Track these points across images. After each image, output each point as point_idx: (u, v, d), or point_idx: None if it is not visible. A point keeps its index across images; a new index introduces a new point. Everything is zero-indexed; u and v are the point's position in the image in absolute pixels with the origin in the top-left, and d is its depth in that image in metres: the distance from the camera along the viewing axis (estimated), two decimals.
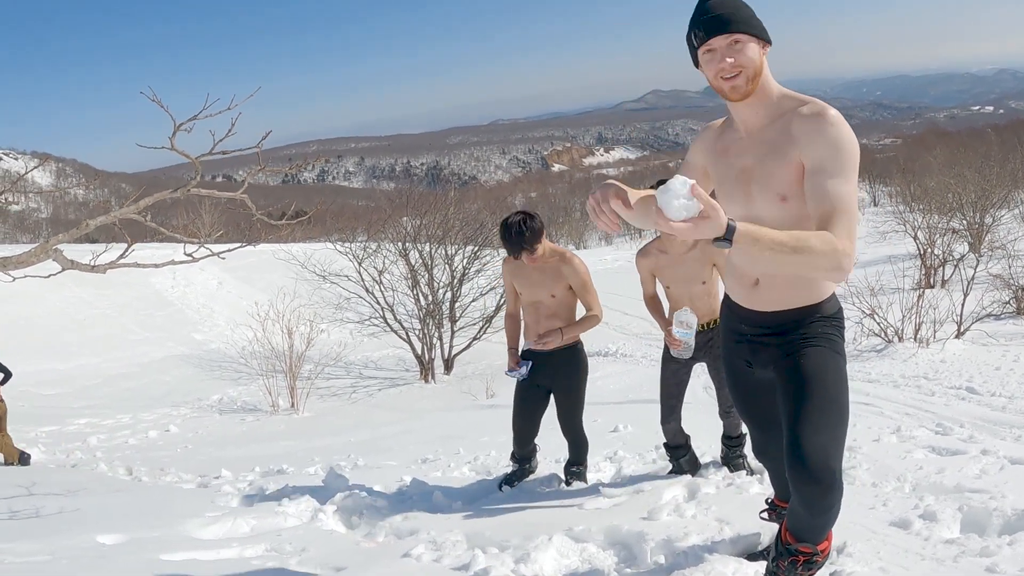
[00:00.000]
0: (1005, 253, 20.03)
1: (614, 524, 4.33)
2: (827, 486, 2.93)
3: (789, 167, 2.89)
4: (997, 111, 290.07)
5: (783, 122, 2.94)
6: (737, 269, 3.30)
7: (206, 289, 28.48)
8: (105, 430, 13.96)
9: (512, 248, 5.32)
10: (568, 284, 5.44)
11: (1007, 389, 9.44)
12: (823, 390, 3.04)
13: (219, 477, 8.10)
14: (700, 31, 2.88)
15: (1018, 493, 4.57)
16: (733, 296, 3.40)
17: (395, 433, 11.61)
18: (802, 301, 3.15)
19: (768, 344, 3.24)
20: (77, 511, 5.57)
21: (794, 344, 3.15)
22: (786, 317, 3.18)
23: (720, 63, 2.87)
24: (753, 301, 3.26)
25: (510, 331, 5.88)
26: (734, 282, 3.36)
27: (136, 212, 6.13)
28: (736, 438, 5.74)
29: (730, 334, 3.48)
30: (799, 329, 3.16)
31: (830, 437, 2.97)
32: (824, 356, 3.11)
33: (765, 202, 2.99)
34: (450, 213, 21.46)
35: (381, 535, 4.81)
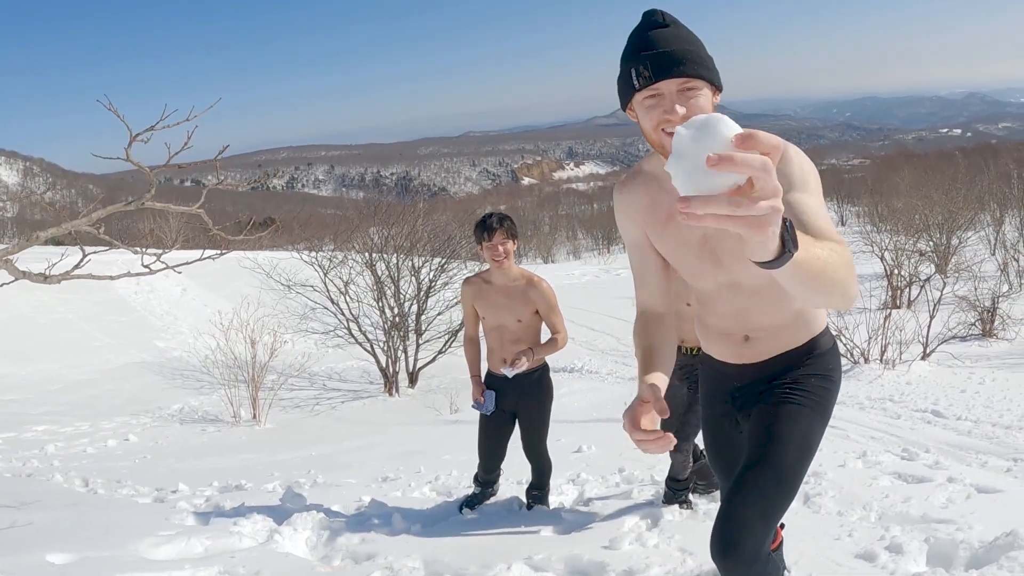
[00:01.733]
0: (971, 275, 20.18)
1: (574, 553, 4.25)
2: (734, 562, 2.63)
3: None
4: (965, 134, 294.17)
5: None
6: (719, 331, 2.95)
7: (170, 296, 28.17)
8: (63, 438, 13.72)
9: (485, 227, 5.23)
10: (535, 308, 5.35)
11: (973, 413, 9.46)
12: (776, 462, 2.72)
13: (176, 491, 7.95)
14: (646, 69, 2.39)
15: (985, 524, 4.54)
16: (718, 356, 3.03)
17: (356, 448, 11.47)
18: (799, 340, 2.86)
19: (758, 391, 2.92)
20: (29, 525, 5.42)
21: (775, 394, 2.86)
22: (783, 362, 2.87)
23: (667, 112, 2.40)
24: (744, 356, 2.92)
25: (471, 357, 5.77)
26: (717, 344, 3.00)
27: (89, 224, 5.99)
28: (682, 481, 5.58)
29: (714, 398, 3.13)
30: (790, 372, 2.86)
31: (759, 512, 2.66)
32: (798, 419, 2.79)
33: (742, 264, 2.57)
34: (418, 224, 21.36)
35: (337, 558, 4.70)
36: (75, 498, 7.66)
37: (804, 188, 2.40)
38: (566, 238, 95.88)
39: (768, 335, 2.84)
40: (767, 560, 2.72)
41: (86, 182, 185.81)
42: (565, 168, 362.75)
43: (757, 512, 2.65)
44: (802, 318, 2.83)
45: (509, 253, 5.28)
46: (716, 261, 2.67)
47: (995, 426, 8.80)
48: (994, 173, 41.31)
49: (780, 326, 2.83)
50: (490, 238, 5.23)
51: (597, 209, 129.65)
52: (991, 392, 10.58)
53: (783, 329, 2.83)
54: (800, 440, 2.76)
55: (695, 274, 2.75)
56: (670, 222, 2.65)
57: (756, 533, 2.63)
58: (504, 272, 5.34)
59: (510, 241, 5.28)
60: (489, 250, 5.25)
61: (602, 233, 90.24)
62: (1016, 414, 9.26)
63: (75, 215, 6.82)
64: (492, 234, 5.22)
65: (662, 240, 2.72)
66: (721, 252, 2.64)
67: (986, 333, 15.90)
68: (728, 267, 2.67)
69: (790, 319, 2.81)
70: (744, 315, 2.81)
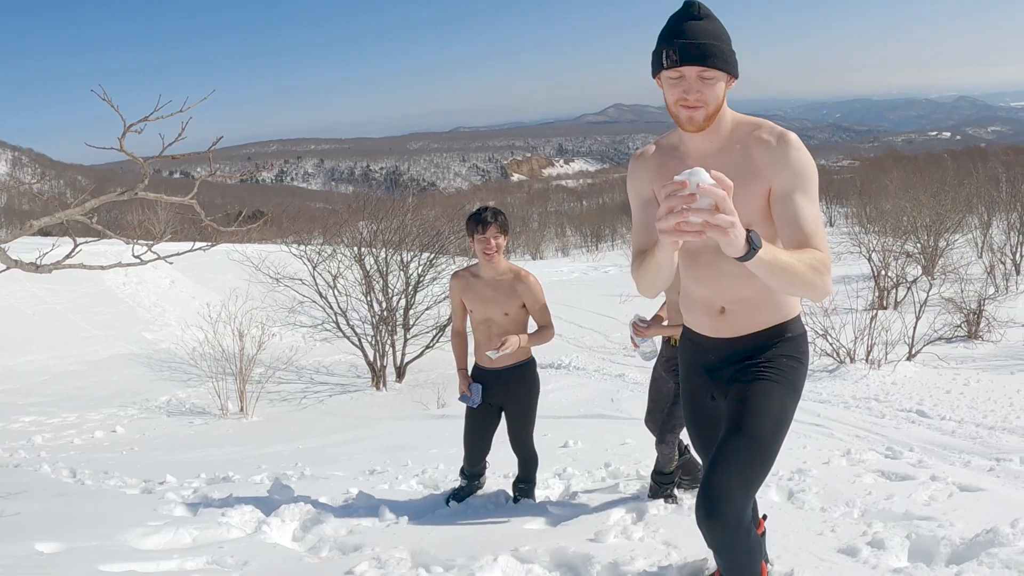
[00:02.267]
0: (958, 277, 20.26)
1: (560, 545, 4.28)
2: (718, 525, 2.89)
3: (754, 194, 2.86)
4: (954, 137, 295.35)
5: (741, 148, 2.91)
6: (699, 301, 3.22)
7: (158, 288, 28.13)
8: (50, 429, 13.71)
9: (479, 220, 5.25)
10: (522, 302, 5.38)
11: (957, 413, 9.53)
12: (752, 429, 2.99)
13: (164, 483, 7.95)
14: (674, 53, 2.75)
15: (966, 521, 4.59)
16: (697, 328, 3.31)
17: (344, 441, 11.48)
18: (769, 322, 3.13)
19: (729, 371, 3.19)
20: (17, 515, 5.43)
21: (749, 372, 3.12)
22: (754, 340, 3.14)
23: (685, 91, 2.79)
24: (719, 329, 3.20)
25: (458, 351, 5.80)
26: (696, 314, 3.27)
27: (82, 214, 6.00)
28: (668, 474, 5.64)
29: (692, 368, 3.40)
30: (762, 353, 3.13)
31: (738, 479, 2.92)
32: (771, 393, 3.06)
33: None
34: (407, 219, 21.33)
35: (325, 549, 4.73)
36: (62, 488, 7.66)
37: (803, 190, 2.79)
38: (555, 235, 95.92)
39: (743, 310, 3.11)
40: (749, 529, 2.99)
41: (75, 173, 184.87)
42: (555, 165, 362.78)
43: (738, 480, 2.91)
44: (775, 301, 3.10)
45: (500, 248, 5.31)
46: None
47: (979, 426, 8.87)
48: (982, 176, 41.36)
49: (754, 302, 3.09)
50: (484, 232, 5.24)
51: (586, 206, 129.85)
52: (975, 393, 10.64)
53: (757, 307, 3.10)
54: (774, 413, 3.03)
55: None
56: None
57: (737, 499, 2.89)
58: (493, 266, 5.37)
59: (502, 236, 5.31)
60: (481, 244, 5.27)
61: (591, 230, 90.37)
62: (999, 415, 9.33)
63: (65, 206, 6.82)
64: (486, 228, 5.24)
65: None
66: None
67: (971, 335, 15.97)
68: None
69: (764, 298, 3.07)
70: (722, 283, 3.09)
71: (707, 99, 2.79)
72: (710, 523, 2.88)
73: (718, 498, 2.87)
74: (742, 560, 3.03)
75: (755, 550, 3.09)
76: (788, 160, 2.82)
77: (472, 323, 5.58)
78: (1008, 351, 14.65)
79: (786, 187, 2.81)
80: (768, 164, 2.84)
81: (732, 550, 2.97)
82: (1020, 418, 9.13)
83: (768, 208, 2.87)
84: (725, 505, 2.86)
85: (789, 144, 2.84)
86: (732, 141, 2.94)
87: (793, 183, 2.80)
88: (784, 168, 2.82)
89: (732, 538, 2.92)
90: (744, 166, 2.87)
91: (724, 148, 2.94)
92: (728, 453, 2.95)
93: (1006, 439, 8.30)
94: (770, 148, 2.85)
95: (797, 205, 2.77)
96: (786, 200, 2.80)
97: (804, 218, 2.74)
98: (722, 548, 2.97)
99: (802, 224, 2.74)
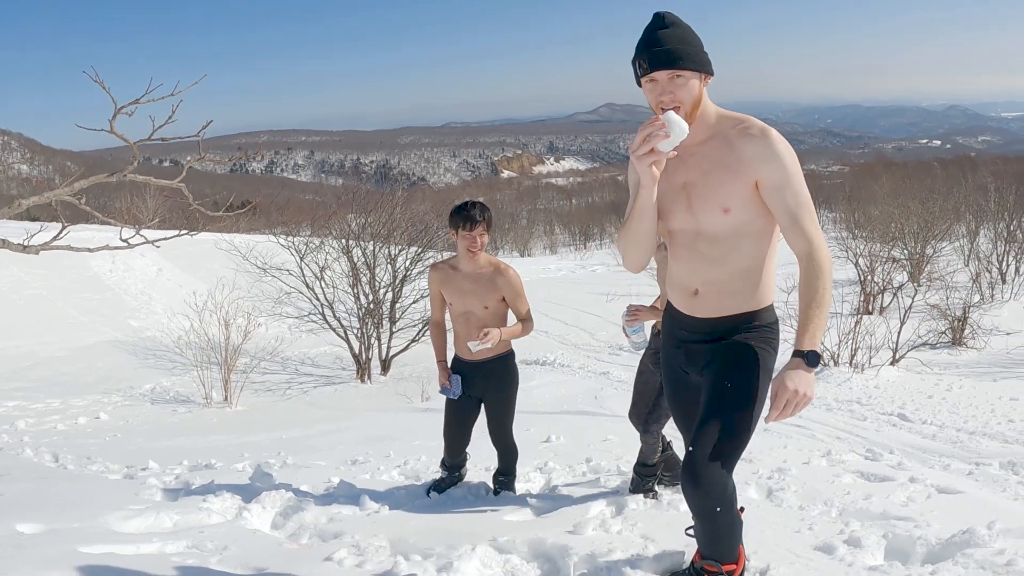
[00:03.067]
0: (943, 284, 20.34)
1: (539, 536, 4.30)
2: (704, 491, 3.15)
3: (737, 183, 3.11)
4: (944, 145, 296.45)
5: (723, 140, 3.16)
6: (677, 279, 3.48)
7: (145, 275, 28.05)
8: (34, 414, 13.68)
9: (467, 217, 5.22)
10: (502, 295, 5.38)
11: (938, 418, 9.59)
12: (728, 403, 3.25)
13: (146, 469, 7.95)
14: (645, 62, 3.10)
15: (943, 522, 4.63)
16: (674, 303, 3.57)
17: (327, 431, 11.48)
18: (739, 308, 3.35)
19: (701, 349, 3.44)
20: None
21: (720, 351, 3.36)
22: (723, 324, 3.37)
23: (660, 94, 3.11)
24: (693, 308, 3.44)
25: (437, 342, 5.80)
26: (675, 291, 3.53)
27: (71, 194, 5.99)
28: (651, 466, 5.65)
29: (670, 339, 3.65)
30: (731, 336, 3.36)
31: (719, 448, 3.16)
32: (744, 367, 3.29)
33: (707, 214, 3.22)
34: (396, 213, 21.31)
35: (305, 536, 4.74)
36: (44, 472, 7.66)
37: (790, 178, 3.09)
38: (543, 232, 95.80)
39: (714, 293, 3.35)
40: (732, 500, 3.26)
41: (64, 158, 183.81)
42: (545, 163, 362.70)
43: (718, 450, 3.16)
44: (746, 289, 3.33)
45: (484, 245, 5.30)
46: (688, 205, 3.26)
47: (959, 431, 8.93)
48: (971, 185, 41.45)
49: (725, 287, 3.33)
50: (471, 228, 5.22)
51: (575, 204, 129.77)
52: (957, 399, 10.71)
53: (728, 292, 3.33)
54: (748, 392, 3.25)
55: (669, 211, 3.32)
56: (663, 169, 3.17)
57: (717, 467, 3.15)
58: (474, 260, 5.36)
59: (487, 233, 5.31)
60: (466, 240, 5.25)
61: (580, 229, 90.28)
62: (980, 420, 9.40)
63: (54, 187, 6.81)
64: (474, 225, 5.22)
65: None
66: (693, 198, 3.24)
67: (956, 342, 16.03)
68: (696, 212, 3.25)
69: (736, 283, 3.31)
70: (696, 264, 3.35)
71: (681, 98, 3.09)
72: (696, 490, 3.16)
73: (702, 466, 3.14)
74: (723, 531, 3.30)
75: (735, 525, 3.33)
76: (773, 153, 3.09)
77: (452, 315, 5.58)
78: (991, 359, 14.72)
79: (776, 179, 3.09)
80: (753, 157, 3.10)
81: (713, 518, 3.21)
82: (1000, 424, 9.20)
83: (750, 195, 3.15)
84: (708, 471, 3.13)
85: (770, 138, 3.11)
86: (716, 133, 3.20)
87: (781, 174, 3.09)
88: (770, 161, 3.09)
89: (715, 504, 3.16)
90: (728, 156, 3.14)
91: (709, 139, 3.20)
92: (708, 428, 3.19)
93: (986, 444, 8.36)
94: (754, 142, 3.11)
95: (787, 194, 3.09)
96: (778, 191, 3.09)
97: (794, 203, 3.09)
98: (704, 514, 3.22)
99: (793, 208, 3.09)
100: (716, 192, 3.16)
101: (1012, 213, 29.72)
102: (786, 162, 3.09)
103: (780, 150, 3.10)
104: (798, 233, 3.08)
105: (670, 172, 3.23)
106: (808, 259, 3.05)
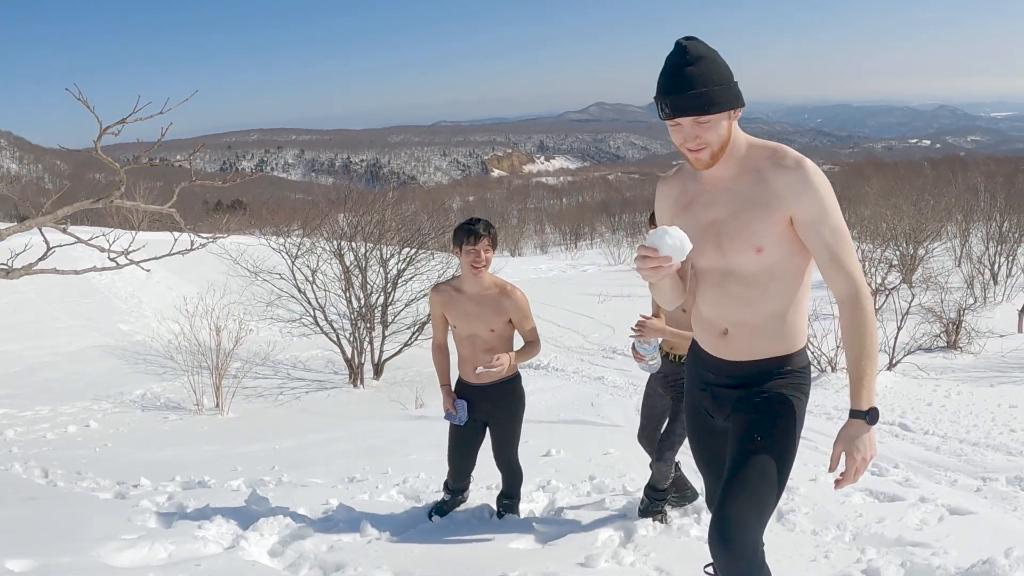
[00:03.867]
0: (938, 286, 20.31)
1: (550, 571, 4.18)
2: (736, 555, 2.89)
3: (770, 220, 2.90)
4: (934, 145, 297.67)
5: (755, 174, 2.93)
6: (705, 318, 3.24)
7: (135, 279, 27.83)
8: (23, 422, 13.48)
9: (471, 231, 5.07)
10: (508, 318, 5.23)
11: (940, 427, 9.52)
12: (761, 459, 2.99)
13: (138, 486, 7.79)
14: (667, 107, 2.82)
15: (960, 548, 4.55)
16: (701, 344, 3.32)
17: (321, 442, 11.33)
18: (771, 352, 3.12)
19: (730, 395, 3.19)
20: None
21: (752, 401, 3.12)
22: (753, 368, 3.13)
23: (686, 140, 2.86)
24: (721, 350, 3.20)
25: (440, 366, 5.60)
26: (702, 330, 3.29)
27: (55, 222, 5.82)
28: (662, 491, 5.52)
29: (695, 381, 3.40)
30: (763, 383, 3.12)
31: (751, 508, 2.93)
32: (776, 422, 3.06)
33: (738, 253, 2.99)
34: (387, 214, 21.21)
35: (305, 567, 4.58)
36: (34, 491, 7.50)
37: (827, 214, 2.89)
38: (534, 232, 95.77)
39: (745, 335, 3.11)
40: (763, 561, 3.01)
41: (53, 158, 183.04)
42: (535, 162, 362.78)
43: (750, 509, 2.92)
44: (778, 331, 3.10)
45: (489, 262, 5.15)
46: (717, 244, 3.03)
47: (962, 442, 8.85)
48: (962, 185, 41.58)
49: (756, 328, 3.09)
50: (475, 243, 5.06)
51: (566, 204, 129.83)
52: (957, 407, 10.65)
53: (760, 333, 3.10)
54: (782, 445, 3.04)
55: (698, 251, 3.02)
56: (690, 206, 3.10)
57: (750, 527, 2.91)
58: (478, 280, 5.20)
59: (492, 250, 5.16)
60: (471, 256, 5.08)
61: (570, 228, 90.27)
62: (982, 430, 9.32)
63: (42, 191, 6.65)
64: (478, 240, 5.06)
65: (681, 219, 3.11)
66: (723, 236, 3.01)
67: (951, 345, 15.99)
68: (726, 251, 3.02)
69: (768, 325, 3.08)
70: (726, 305, 3.12)
71: (708, 141, 2.84)
72: (726, 552, 2.90)
73: (733, 527, 2.89)
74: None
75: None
76: (809, 185, 2.87)
77: (456, 338, 5.40)
78: (987, 363, 14.69)
79: (812, 214, 2.88)
80: (786, 190, 2.88)
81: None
82: (1003, 434, 9.12)
83: (784, 232, 2.93)
84: (740, 534, 2.88)
85: (806, 170, 2.88)
86: (747, 167, 2.97)
87: (817, 209, 2.88)
88: (805, 194, 2.87)
89: (748, 567, 2.92)
90: (760, 191, 2.93)
91: (739, 174, 2.98)
92: (738, 483, 2.95)
93: (991, 457, 8.27)
94: (788, 174, 2.89)
95: (824, 230, 2.88)
96: (814, 226, 2.89)
97: (832, 239, 2.89)
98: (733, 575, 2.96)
99: (831, 245, 2.89)
100: (748, 230, 2.94)
101: (1003, 213, 29.76)
102: (822, 195, 2.88)
103: (816, 182, 2.88)
104: (839, 272, 2.90)
105: (698, 210, 3.08)
106: (853, 303, 2.89)
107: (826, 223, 2.88)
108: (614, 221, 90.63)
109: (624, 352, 18.81)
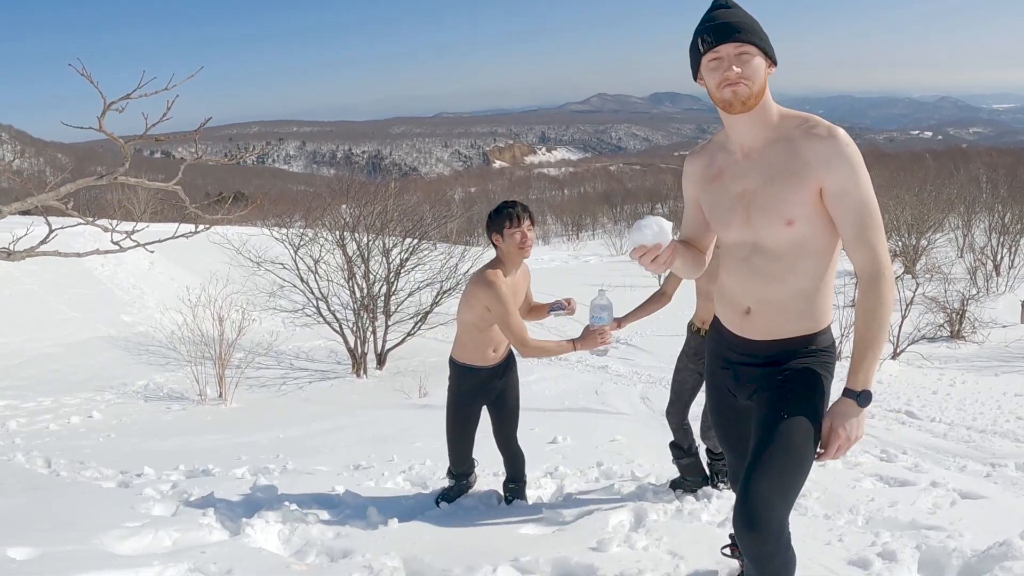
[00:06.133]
0: (942, 277, 20.29)
1: (562, 555, 4.11)
2: (761, 536, 2.79)
3: (801, 190, 2.82)
4: (936, 137, 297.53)
5: (787, 144, 2.86)
6: (728, 296, 3.18)
7: (137, 269, 27.79)
8: (25, 414, 13.43)
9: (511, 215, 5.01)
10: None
11: (946, 415, 9.51)
12: (786, 437, 2.89)
13: (141, 475, 7.73)
14: (708, 36, 2.81)
15: (975, 532, 4.50)
16: (724, 322, 3.26)
17: (325, 431, 11.29)
18: (795, 331, 3.03)
19: (753, 373, 3.12)
20: None
21: (776, 379, 3.02)
22: (776, 348, 3.05)
23: (726, 71, 2.80)
24: (744, 329, 3.12)
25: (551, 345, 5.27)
26: (724, 308, 3.23)
27: (57, 198, 5.75)
28: (719, 453, 5.64)
29: (716, 360, 3.34)
30: (787, 362, 3.03)
31: (777, 487, 2.82)
32: (801, 399, 2.96)
33: (767, 227, 2.92)
34: (389, 205, 21.18)
35: (312, 554, 4.51)
36: (37, 481, 7.45)
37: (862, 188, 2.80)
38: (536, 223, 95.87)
39: (769, 313, 3.03)
40: (788, 542, 2.89)
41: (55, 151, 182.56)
42: (537, 153, 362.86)
43: (776, 488, 2.81)
44: (805, 311, 3.00)
45: (532, 241, 5.14)
46: (746, 216, 2.96)
47: (969, 429, 8.83)
48: (964, 177, 41.55)
49: (781, 306, 3.00)
50: (519, 224, 4.99)
51: (568, 195, 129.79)
52: (962, 395, 10.64)
53: (784, 312, 3.00)
54: (805, 423, 2.91)
55: (724, 224, 3.05)
56: (719, 177, 3.04)
57: (776, 507, 2.80)
58: (522, 260, 5.19)
59: (533, 228, 5.15)
60: (518, 236, 5.00)
61: (572, 219, 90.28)
62: (989, 418, 9.31)
63: (43, 184, 6.60)
64: (522, 220, 5.00)
65: (707, 193, 3.10)
66: (752, 208, 2.93)
67: (954, 335, 15.98)
68: (755, 224, 2.94)
69: (792, 304, 2.99)
70: (751, 281, 3.04)
71: (748, 74, 2.79)
72: (751, 533, 2.78)
73: (758, 507, 2.79)
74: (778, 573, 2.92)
75: (789, 564, 2.95)
76: (842, 155, 2.79)
77: (485, 322, 5.28)
78: (990, 352, 14.70)
79: (841, 185, 2.80)
80: (817, 159, 2.80)
81: (769, 561, 2.86)
82: (1009, 421, 9.12)
83: (815, 205, 2.85)
84: (766, 513, 2.78)
85: (838, 140, 2.80)
86: (779, 135, 2.90)
87: (848, 179, 2.79)
88: (836, 164, 2.79)
89: (773, 549, 2.81)
90: (792, 160, 2.85)
91: (771, 142, 2.91)
92: (763, 463, 2.86)
93: (999, 443, 8.25)
94: (820, 142, 2.81)
95: (853, 202, 2.80)
96: (843, 198, 2.80)
97: (860, 213, 2.80)
98: (761, 559, 2.85)
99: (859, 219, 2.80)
100: (778, 202, 2.86)
101: (1005, 204, 29.74)
102: (855, 166, 2.79)
103: (848, 153, 2.78)
104: (863, 248, 2.80)
105: (727, 181, 3.01)
106: (872, 283, 2.79)
107: (856, 195, 2.79)
108: (616, 212, 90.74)
109: (627, 342, 18.79)
